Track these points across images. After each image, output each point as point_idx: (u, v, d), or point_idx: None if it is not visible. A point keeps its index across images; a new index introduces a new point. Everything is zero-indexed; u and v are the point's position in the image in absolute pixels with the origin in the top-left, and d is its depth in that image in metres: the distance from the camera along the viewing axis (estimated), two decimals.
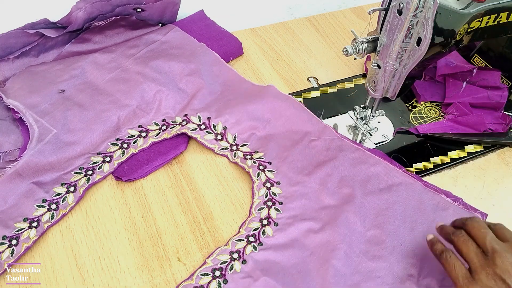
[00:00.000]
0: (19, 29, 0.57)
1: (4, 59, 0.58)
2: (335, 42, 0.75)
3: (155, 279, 0.45)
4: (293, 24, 0.78)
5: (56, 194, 0.49)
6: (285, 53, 0.72)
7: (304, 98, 0.64)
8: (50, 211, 0.48)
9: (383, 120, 0.62)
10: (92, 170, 0.51)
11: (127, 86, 0.58)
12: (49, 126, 0.52)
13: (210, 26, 0.71)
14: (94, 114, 0.55)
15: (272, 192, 0.51)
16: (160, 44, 0.64)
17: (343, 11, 0.82)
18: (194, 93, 0.59)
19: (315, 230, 0.48)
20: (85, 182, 0.50)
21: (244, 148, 0.56)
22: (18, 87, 0.56)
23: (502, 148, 0.61)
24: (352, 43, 0.50)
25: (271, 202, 0.51)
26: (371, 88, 0.54)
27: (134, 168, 0.52)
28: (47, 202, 0.48)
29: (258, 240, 0.47)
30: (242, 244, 0.47)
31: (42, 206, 0.48)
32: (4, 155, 0.50)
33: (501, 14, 0.52)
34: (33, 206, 0.48)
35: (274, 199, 0.51)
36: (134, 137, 0.55)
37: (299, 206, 0.50)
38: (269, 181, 0.52)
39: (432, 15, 0.43)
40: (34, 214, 0.47)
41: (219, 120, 0.57)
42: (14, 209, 0.47)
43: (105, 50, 0.62)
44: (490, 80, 0.65)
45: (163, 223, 0.49)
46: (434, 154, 0.59)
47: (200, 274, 0.44)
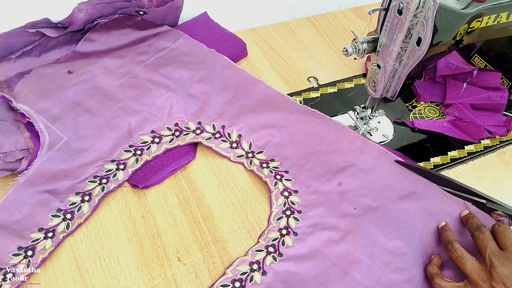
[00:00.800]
0: (20, 28, 0.57)
1: (5, 59, 0.58)
2: (335, 42, 0.75)
3: (155, 279, 0.45)
4: (293, 24, 0.78)
5: (71, 204, 0.48)
6: (285, 53, 0.72)
7: (304, 98, 0.64)
8: (65, 221, 0.47)
9: (383, 120, 0.62)
10: (106, 179, 0.50)
11: (137, 93, 0.58)
12: (59, 133, 0.52)
13: (214, 28, 0.70)
14: (105, 120, 0.55)
15: (290, 201, 0.51)
16: (170, 51, 0.63)
17: (343, 11, 0.82)
18: (205, 100, 0.58)
19: (336, 240, 0.47)
20: (100, 191, 0.50)
21: (260, 155, 0.55)
22: (27, 91, 0.55)
23: (502, 148, 0.61)
24: (352, 43, 0.50)
25: (289, 211, 0.50)
26: (371, 88, 0.54)
27: (149, 174, 0.52)
28: (62, 212, 0.47)
29: (278, 250, 0.47)
30: (261, 254, 0.46)
31: (57, 216, 0.47)
32: (4, 156, 0.50)
33: (501, 14, 0.52)
34: (48, 216, 0.47)
35: (292, 208, 0.50)
36: (147, 143, 0.54)
37: (318, 215, 0.49)
38: (287, 190, 0.52)
39: (432, 15, 0.43)
40: (49, 224, 0.46)
41: (234, 128, 0.56)
42: (28, 219, 0.46)
43: (114, 54, 0.61)
44: (490, 81, 0.65)
45: (163, 223, 0.49)
46: (434, 154, 0.59)
47: (220, 285, 0.43)
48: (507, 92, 0.64)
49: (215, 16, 0.73)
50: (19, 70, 0.58)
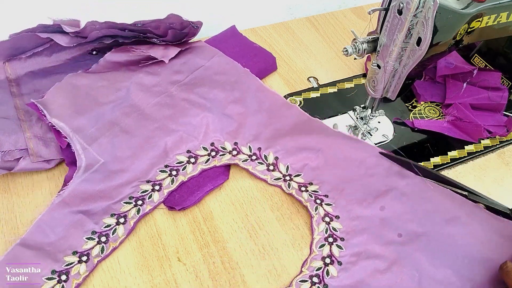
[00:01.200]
0: (31, 33, 0.56)
1: (16, 58, 0.57)
2: (335, 42, 0.75)
3: (155, 279, 0.45)
4: (293, 24, 0.78)
5: (106, 226, 0.47)
6: (285, 53, 0.72)
7: (304, 98, 0.64)
8: (100, 244, 0.46)
9: (383, 120, 0.62)
10: (142, 200, 0.50)
11: (173, 112, 0.57)
12: (96, 156, 0.51)
13: (244, 42, 0.69)
14: (141, 140, 0.53)
15: (332, 227, 0.49)
16: (204, 69, 0.61)
17: (343, 11, 0.82)
18: (241, 121, 0.57)
19: (381, 270, 0.46)
20: (135, 213, 0.49)
21: (298, 178, 0.54)
22: (61, 103, 0.54)
23: (502, 148, 0.61)
24: (352, 43, 0.50)
25: (332, 238, 0.48)
26: (371, 88, 0.54)
27: (185, 195, 0.51)
28: (97, 234, 0.46)
29: (323, 281, 0.45)
30: (306, 285, 0.45)
31: (92, 239, 0.46)
32: (3, 155, 0.50)
33: (501, 14, 0.52)
34: (83, 238, 0.46)
35: (335, 234, 0.49)
36: (183, 163, 0.53)
37: (362, 242, 0.48)
38: (328, 216, 0.50)
39: (432, 15, 0.43)
40: (83, 247, 0.45)
41: (270, 151, 0.56)
42: (62, 241, 0.45)
43: (149, 70, 0.60)
44: (490, 81, 0.65)
45: (163, 223, 0.49)
46: (434, 154, 0.59)
47: None
48: (507, 92, 0.64)
49: (215, 16, 0.74)
50: (29, 69, 0.58)
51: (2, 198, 0.49)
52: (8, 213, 0.48)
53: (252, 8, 0.77)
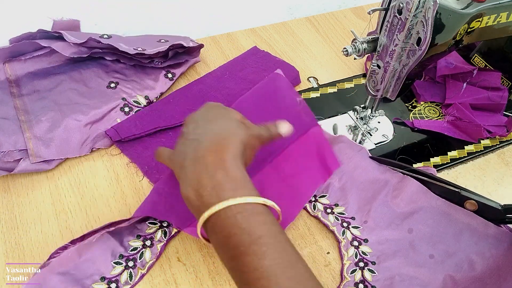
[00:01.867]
0: (31, 39, 0.57)
1: (15, 59, 0.58)
2: (335, 42, 0.75)
3: (155, 279, 0.45)
4: (293, 24, 0.78)
5: (133, 249, 0.45)
6: (285, 53, 0.72)
7: (304, 98, 0.64)
8: (127, 270, 0.44)
9: (383, 120, 0.62)
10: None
11: None
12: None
13: (266, 57, 0.68)
14: None
15: (361, 251, 0.48)
16: None
17: (343, 11, 0.82)
18: None
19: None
20: (162, 236, 0.47)
21: (323, 199, 0.52)
22: None
23: (502, 148, 0.61)
24: (352, 43, 0.50)
25: (363, 263, 0.47)
26: (371, 88, 0.54)
27: None
28: (124, 259, 0.44)
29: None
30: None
31: (119, 263, 0.44)
32: (2, 155, 0.50)
33: (501, 14, 0.52)
34: (111, 263, 0.44)
35: (365, 259, 0.47)
36: None
37: (394, 266, 0.46)
38: (356, 239, 0.49)
39: (432, 15, 0.43)
40: (112, 273, 0.43)
41: None
42: (89, 264, 0.43)
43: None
44: (490, 81, 0.65)
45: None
46: (434, 154, 0.59)
47: None
48: (507, 92, 0.64)
49: (216, 16, 0.74)
50: (29, 70, 0.58)
51: (2, 198, 0.49)
52: (8, 213, 0.48)
53: (252, 8, 0.77)
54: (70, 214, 0.49)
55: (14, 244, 0.46)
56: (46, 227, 0.47)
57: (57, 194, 0.50)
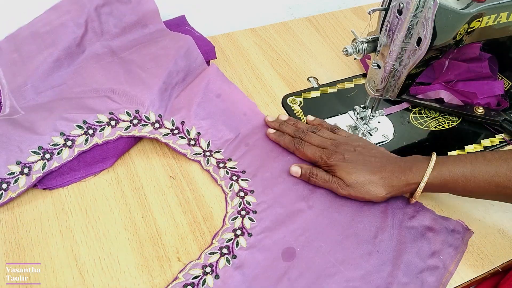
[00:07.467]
0: None
1: None
2: (335, 42, 0.75)
3: (155, 279, 0.45)
4: (293, 24, 0.78)
5: (9, 173, 0.47)
6: (285, 53, 0.72)
7: (304, 98, 0.64)
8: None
9: (383, 120, 0.62)
10: (50, 154, 0.49)
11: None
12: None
13: (186, 32, 0.67)
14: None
15: (246, 201, 0.51)
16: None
17: (343, 11, 0.82)
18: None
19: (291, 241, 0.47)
20: (40, 168, 0.48)
21: (218, 155, 0.55)
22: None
23: (502, 148, 0.61)
24: (352, 43, 0.50)
25: (244, 212, 0.50)
26: (371, 88, 0.54)
27: (53, 175, 0.50)
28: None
29: (232, 252, 0.46)
30: (215, 257, 0.45)
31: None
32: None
33: (501, 14, 0.52)
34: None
35: (247, 208, 0.50)
36: (102, 123, 0.53)
37: (273, 215, 0.50)
38: (242, 190, 0.52)
39: (432, 15, 0.43)
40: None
41: (193, 126, 0.56)
42: None
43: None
44: (469, 53, 0.64)
45: (163, 223, 0.49)
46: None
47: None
48: (486, 61, 0.63)
49: (216, 16, 0.74)
50: None
51: None
52: (8, 213, 0.48)
53: (252, 8, 0.77)
54: (70, 214, 0.49)
55: (14, 244, 0.46)
56: (46, 227, 0.47)
57: (57, 194, 0.50)
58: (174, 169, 0.54)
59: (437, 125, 0.63)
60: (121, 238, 0.47)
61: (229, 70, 0.68)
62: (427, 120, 0.63)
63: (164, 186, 0.52)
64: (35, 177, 0.48)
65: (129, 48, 0.62)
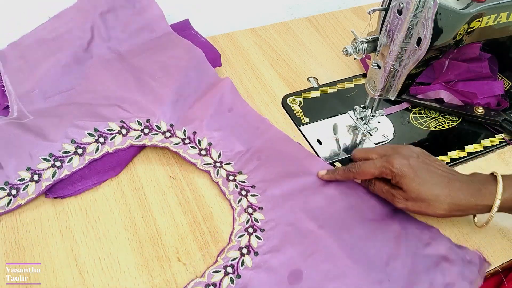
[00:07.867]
0: None
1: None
2: (335, 42, 0.75)
3: (155, 279, 0.45)
4: (293, 24, 0.78)
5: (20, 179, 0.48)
6: (285, 53, 0.72)
7: (304, 98, 0.64)
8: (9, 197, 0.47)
9: (383, 120, 0.62)
10: (61, 161, 0.49)
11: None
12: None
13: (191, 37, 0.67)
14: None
15: (254, 218, 0.49)
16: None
17: (343, 11, 0.82)
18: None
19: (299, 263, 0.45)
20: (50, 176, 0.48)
21: (228, 166, 0.53)
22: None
23: (502, 148, 0.61)
24: (352, 43, 0.50)
25: (252, 229, 0.48)
26: (371, 88, 0.54)
27: (65, 184, 0.49)
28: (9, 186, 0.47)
29: (236, 271, 0.44)
30: (219, 276, 0.44)
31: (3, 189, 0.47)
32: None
33: (501, 14, 0.52)
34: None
35: (255, 225, 0.48)
36: (113, 132, 0.53)
37: (282, 233, 0.47)
38: (251, 207, 0.50)
39: (432, 15, 0.43)
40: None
41: (205, 136, 0.55)
42: None
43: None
44: (469, 53, 0.64)
45: (163, 223, 0.49)
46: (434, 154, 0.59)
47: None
48: (486, 61, 0.63)
49: (215, 16, 0.74)
50: None
51: None
52: (8, 213, 0.48)
53: (252, 8, 0.77)
54: (70, 214, 0.49)
55: (14, 244, 0.46)
56: (46, 227, 0.47)
57: None
58: (174, 169, 0.54)
59: (437, 125, 0.63)
60: (121, 238, 0.47)
61: (229, 70, 0.68)
62: (427, 120, 0.63)
63: (164, 186, 0.52)
64: (44, 185, 0.48)
65: (138, 53, 0.62)
